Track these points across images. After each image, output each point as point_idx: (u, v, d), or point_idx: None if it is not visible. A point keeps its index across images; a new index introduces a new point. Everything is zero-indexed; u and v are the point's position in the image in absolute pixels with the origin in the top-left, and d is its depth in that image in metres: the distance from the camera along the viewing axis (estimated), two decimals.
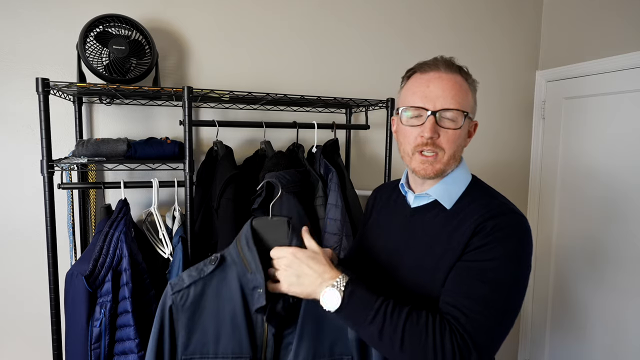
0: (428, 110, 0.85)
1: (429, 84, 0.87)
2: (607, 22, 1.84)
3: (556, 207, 2.10)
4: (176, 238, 1.31)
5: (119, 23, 1.33)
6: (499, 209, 0.83)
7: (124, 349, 1.16)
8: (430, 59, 0.91)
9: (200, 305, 0.85)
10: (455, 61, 0.90)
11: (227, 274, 0.86)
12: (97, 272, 1.16)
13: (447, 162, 0.87)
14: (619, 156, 1.80)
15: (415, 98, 0.87)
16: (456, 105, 0.85)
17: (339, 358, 0.86)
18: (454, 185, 0.90)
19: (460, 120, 0.85)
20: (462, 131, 0.87)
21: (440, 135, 0.85)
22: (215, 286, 0.86)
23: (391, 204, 1.03)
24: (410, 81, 0.92)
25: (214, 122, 1.43)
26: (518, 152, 2.23)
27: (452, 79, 0.87)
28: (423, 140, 0.85)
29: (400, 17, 1.91)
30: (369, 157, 1.91)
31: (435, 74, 0.87)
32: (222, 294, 0.86)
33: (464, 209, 0.87)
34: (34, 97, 1.27)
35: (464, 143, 0.90)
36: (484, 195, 0.89)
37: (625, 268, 1.77)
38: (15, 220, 1.47)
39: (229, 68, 1.66)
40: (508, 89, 2.16)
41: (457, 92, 0.86)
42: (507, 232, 0.80)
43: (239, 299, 0.85)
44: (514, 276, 0.79)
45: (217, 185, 1.38)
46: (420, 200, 0.94)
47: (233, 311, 0.85)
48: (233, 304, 0.85)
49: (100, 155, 1.30)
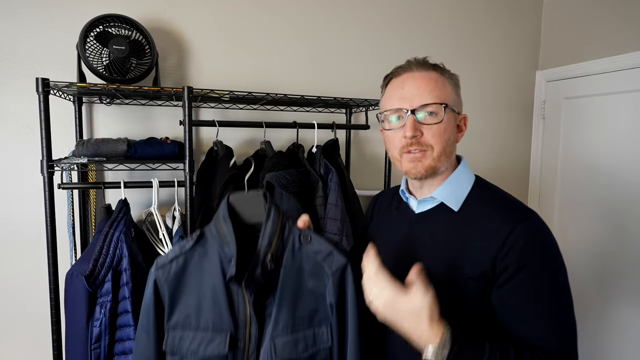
0: (406, 110, 0.84)
1: (403, 85, 0.87)
2: (607, 22, 1.84)
3: (556, 207, 2.10)
4: (176, 238, 1.31)
5: (119, 23, 1.33)
6: (514, 214, 0.82)
7: (124, 349, 1.17)
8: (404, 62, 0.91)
9: (182, 279, 0.88)
10: (429, 60, 0.90)
11: (208, 249, 0.88)
12: (97, 272, 1.16)
13: (438, 158, 0.85)
14: (619, 156, 1.80)
15: (393, 101, 0.88)
16: (433, 100, 0.84)
17: (317, 326, 0.86)
18: (458, 186, 0.88)
19: (441, 113, 0.84)
20: (447, 124, 0.85)
21: (424, 132, 0.84)
22: (197, 261, 0.88)
23: (393, 211, 1.00)
24: (387, 87, 0.93)
25: (214, 122, 1.43)
26: (518, 152, 2.23)
27: (425, 76, 0.86)
28: (407, 140, 0.84)
29: (400, 17, 1.91)
30: (369, 157, 1.91)
31: (409, 75, 0.88)
32: (203, 268, 0.88)
33: (476, 212, 0.85)
34: (34, 97, 1.27)
35: (453, 137, 0.88)
36: (492, 196, 0.88)
37: (626, 268, 1.77)
38: (15, 220, 1.47)
39: (229, 68, 1.66)
40: (508, 89, 2.16)
41: (432, 87, 0.85)
42: (542, 245, 0.80)
43: (219, 273, 0.86)
44: (564, 281, 0.80)
45: (217, 185, 1.38)
46: (424, 205, 0.91)
47: (213, 285, 0.86)
48: (213, 277, 0.87)
49: (100, 155, 1.30)
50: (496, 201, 0.85)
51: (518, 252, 0.77)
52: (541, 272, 0.78)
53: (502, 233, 0.78)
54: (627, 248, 1.77)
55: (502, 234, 0.78)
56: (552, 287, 0.78)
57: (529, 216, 0.82)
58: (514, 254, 0.77)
